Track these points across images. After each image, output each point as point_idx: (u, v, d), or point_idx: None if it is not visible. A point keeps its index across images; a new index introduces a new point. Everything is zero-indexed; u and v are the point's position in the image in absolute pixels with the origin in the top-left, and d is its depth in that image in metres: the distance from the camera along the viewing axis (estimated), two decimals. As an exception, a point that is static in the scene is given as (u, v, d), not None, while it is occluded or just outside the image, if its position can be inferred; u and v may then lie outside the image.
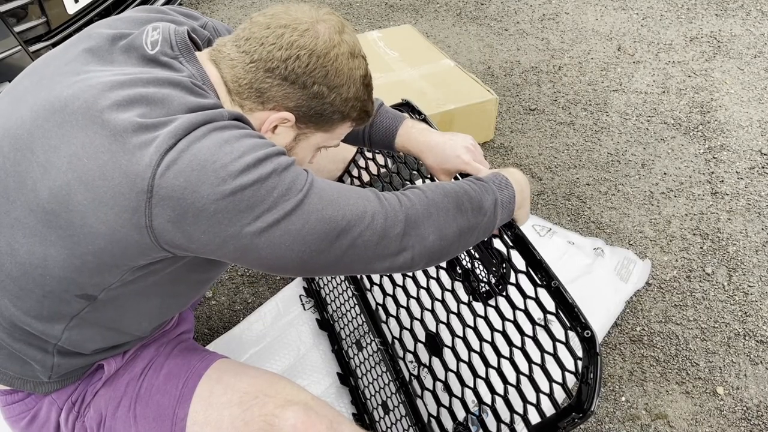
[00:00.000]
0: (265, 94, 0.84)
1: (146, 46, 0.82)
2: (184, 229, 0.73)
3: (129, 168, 0.71)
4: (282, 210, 0.74)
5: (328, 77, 0.84)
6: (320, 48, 0.83)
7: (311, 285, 1.58)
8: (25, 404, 0.97)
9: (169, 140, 0.72)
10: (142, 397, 0.96)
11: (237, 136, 0.75)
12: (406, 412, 1.19)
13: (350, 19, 2.93)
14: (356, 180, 1.49)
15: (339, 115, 0.88)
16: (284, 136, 0.89)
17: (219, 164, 0.72)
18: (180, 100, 0.77)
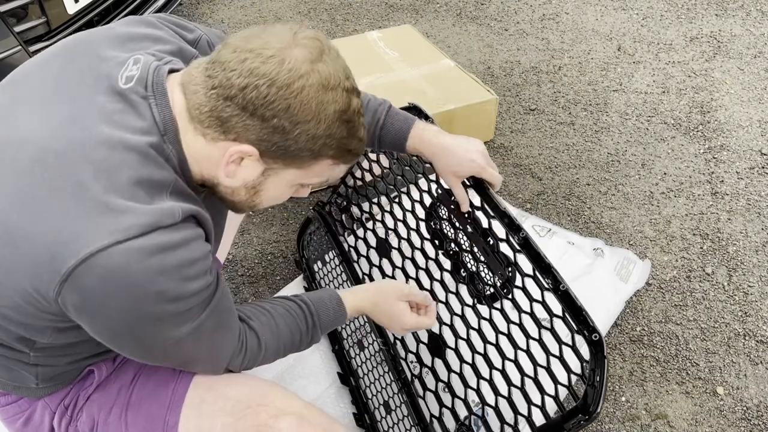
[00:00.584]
0: (226, 124, 0.76)
1: (120, 79, 0.78)
2: (81, 319, 0.74)
3: (54, 245, 0.69)
4: (162, 338, 0.78)
5: (290, 111, 0.75)
6: (282, 78, 0.74)
7: (311, 285, 1.58)
8: (18, 406, 0.97)
9: (104, 239, 0.68)
10: (133, 404, 0.96)
11: (175, 264, 0.72)
12: (408, 412, 1.19)
13: (350, 19, 2.93)
14: (359, 181, 1.49)
15: (308, 152, 0.79)
16: (250, 170, 0.81)
17: (141, 291, 0.71)
18: (128, 174, 0.72)
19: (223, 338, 0.88)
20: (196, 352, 0.85)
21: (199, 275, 0.76)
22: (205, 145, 0.79)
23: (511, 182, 2.01)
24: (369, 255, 1.42)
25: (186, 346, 0.82)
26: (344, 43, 2.42)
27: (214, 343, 0.86)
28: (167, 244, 0.72)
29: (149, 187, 0.73)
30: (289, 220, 1.87)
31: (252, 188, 0.85)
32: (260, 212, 1.90)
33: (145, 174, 0.74)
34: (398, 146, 1.16)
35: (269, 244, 1.79)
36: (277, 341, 0.97)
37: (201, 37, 0.95)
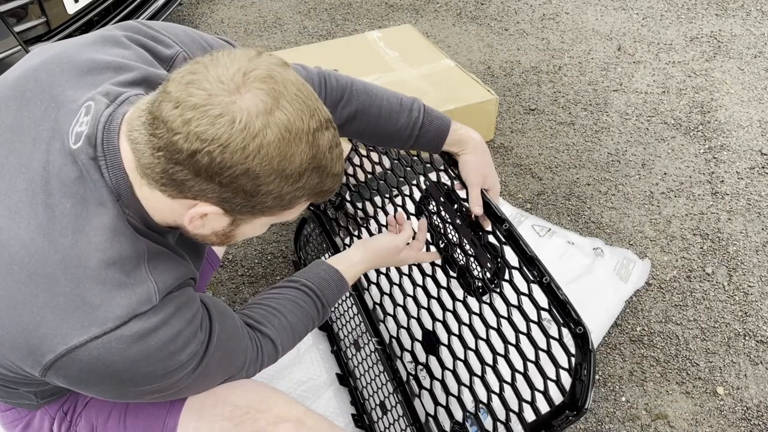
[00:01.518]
0: (182, 186, 0.67)
1: (70, 137, 0.71)
2: (71, 389, 0.76)
3: (31, 339, 0.68)
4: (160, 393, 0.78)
5: (250, 174, 0.65)
6: (236, 141, 0.63)
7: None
8: (18, 412, 0.97)
9: (80, 336, 0.67)
10: (132, 408, 0.96)
11: (160, 345, 0.71)
12: (403, 412, 1.19)
13: (350, 19, 2.93)
14: (351, 178, 1.49)
15: (278, 207, 0.72)
16: (217, 223, 0.74)
17: (127, 376, 0.71)
18: (97, 258, 0.69)
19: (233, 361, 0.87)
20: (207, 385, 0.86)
21: (187, 343, 0.74)
22: (165, 199, 0.71)
23: (511, 182, 2.01)
24: None
25: (194, 388, 0.83)
26: (344, 43, 2.42)
27: (224, 370, 0.86)
28: (147, 329, 0.69)
29: (122, 265, 0.69)
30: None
31: (223, 235, 0.79)
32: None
33: (115, 254, 0.69)
34: (435, 145, 1.15)
35: (269, 244, 1.79)
36: (291, 337, 0.97)
37: (178, 54, 0.86)
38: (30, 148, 0.73)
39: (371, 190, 1.42)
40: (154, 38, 0.86)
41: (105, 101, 0.73)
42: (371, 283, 1.37)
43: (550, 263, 1.59)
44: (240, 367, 0.88)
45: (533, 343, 1.00)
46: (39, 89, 0.76)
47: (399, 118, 1.12)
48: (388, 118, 1.12)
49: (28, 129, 0.74)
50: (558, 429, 0.90)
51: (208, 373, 0.81)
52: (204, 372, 0.79)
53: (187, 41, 0.89)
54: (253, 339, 0.90)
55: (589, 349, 0.88)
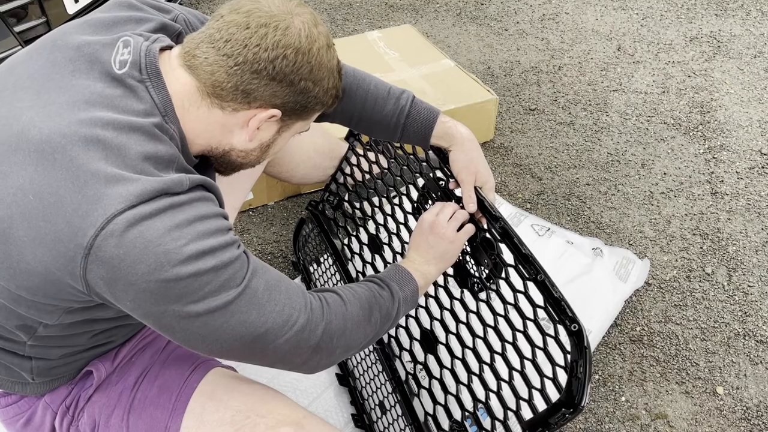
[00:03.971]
0: (252, 95, 0.82)
1: (114, 64, 0.79)
2: (114, 292, 0.73)
3: (73, 219, 0.70)
4: (208, 305, 0.74)
5: (313, 72, 0.84)
6: (304, 45, 0.82)
7: (309, 286, 1.58)
8: (18, 407, 0.97)
9: (119, 204, 0.70)
10: (136, 408, 0.96)
11: (189, 219, 0.73)
12: (402, 411, 1.19)
13: (350, 19, 2.93)
14: (349, 178, 1.49)
15: (320, 105, 0.90)
16: (268, 131, 0.89)
17: (161, 249, 0.70)
18: (137, 149, 0.74)
19: (289, 295, 0.83)
20: (260, 314, 0.79)
21: (215, 232, 0.75)
22: (223, 117, 0.84)
23: (511, 182, 2.01)
24: (362, 252, 1.42)
25: (241, 314, 0.77)
26: (344, 43, 2.42)
27: (278, 301, 0.81)
28: (175, 203, 0.73)
29: (157, 162, 0.76)
30: (289, 220, 1.87)
31: (266, 146, 0.92)
32: (260, 212, 1.90)
33: (153, 150, 0.76)
34: (423, 136, 1.16)
35: (269, 244, 1.79)
36: (357, 298, 0.94)
37: (178, 16, 0.96)
38: (68, 77, 0.79)
39: (368, 189, 1.43)
40: (155, 6, 0.96)
41: (140, 38, 0.84)
42: None
43: (549, 263, 1.61)
44: (301, 306, 0.83)
45: (530, 340, 1.00)
46: (68, 38, 0.83)
47: (385, 105, 1.15)
48: (374, 104, 1.15)
49: (63, 65, 0.80)
50: (555, 427, 0.90)
51: (256, 298, 0.78)
52: (251, 294, 0.78)
53: (183, 10, 1.00)
54: (313, 293, 0.89)
55: (584, 346, 0.87)
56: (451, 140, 1.15)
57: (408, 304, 1.03)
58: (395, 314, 1.00)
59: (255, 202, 1.90)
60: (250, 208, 1.91)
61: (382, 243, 1.37)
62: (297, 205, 1.92)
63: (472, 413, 1.09)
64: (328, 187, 1.56)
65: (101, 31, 0.85)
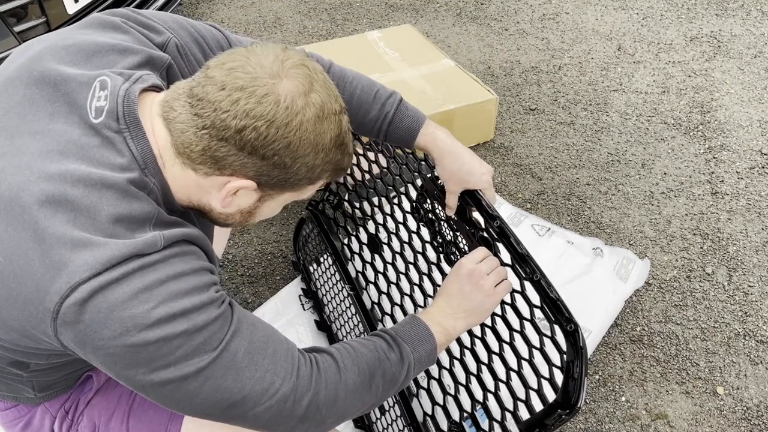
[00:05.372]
0: (221, 162, 0.74)
1: (90, 111, 0.74)
2: (85, 354, 0.70)
3: (41, 283, 0.67)
4: (179, 371, 0.70)
5: (291, 148, 0.74)
6: (281, 117, 0.72)
7: (309, 286, 1.58)
8: (17, 411, 0.97)
9: (84, 272, 0.66)
10: (136, 411, 0.96)
11: (161, 279, 0.69)
12: (401, 412, 1.19)
13: (350, 19, 2.93)
14: (349, 177, 1.49)
15: (307, 180, 0.79)
16: (246, 199, 0.80)
17: (127, 314, 0.66)
18: (108, 211, 0.70)
19: (274, 360, 0.76)
20: (234, 384, 0.73)
21: (191, 291, 0.71)
22: (197, 178, 0.77)
23: (511, 182, 2.01)
24: (362, 252, 1.41)
25: (215, 380, 0.72)
26: (344, 43, 2.42)
27: (260, 366, 0.75)
28: (147, 263, 0.69)
29: (130, 222, 0.71)
30: (289, 219, 1.87)
31: (247, 213, 0.84)
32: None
33: (125, 210, 0.71)
34: (406, 143, 1.15)
35: (269, 244, 1.79)
36: (356, 363, 0.85)
37: (170, 40, 0.89)
38: (46, 120, 0.74)
39: (368, 189, 1.42)
40: (145, 25, 0.88)
41: (120, 78, 0.77)
42: (369, 282, 1.37)
43: (549, 263, 1.61)
44: (286, 372, 0.77)
45: (527, 341, 1.00)
46: (46, 69, 0.77)
47: (370, 111, 1.13)
48: (358, 108, 1.12)
49: (41, 105, 0.75)
50: (552, 428, 0.90)
51: (234, 362, 0.73)
52: (229, 359, 0.72)
53: (176, 27, 0.91)
54: (306, 354, 0.82)
55: (580, 346, 0.87)
56: (433, 153, 1.13)
57: (421, 365, 0.92)
58: (403, 378, 0.89)
59: (255, 202, 1.89)
60: (250, 208, 1.90)
61: (382, 243, 1.36)
62: (297, 205, 1.92)
63: (471, 414, 1.08)
64: (328, 186, 1.56)
65: (80, 61, 0.79)
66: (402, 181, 1.31)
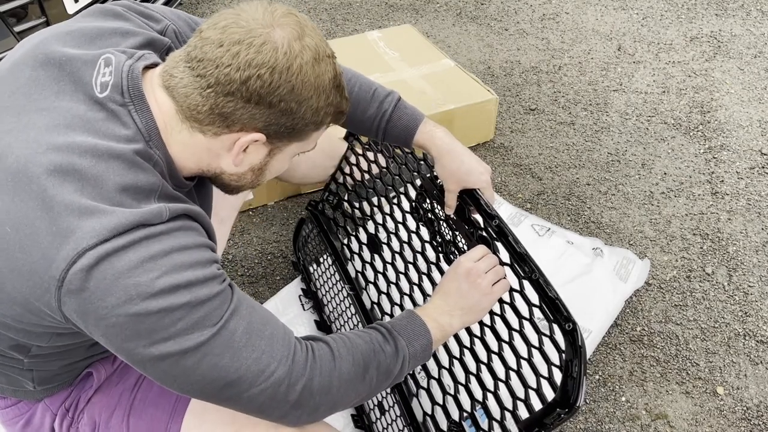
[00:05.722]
0: (230, 118, 0.76)
1: (95, 87, 0.76)
2: (87, 326, 0.71)
3: (47, 251, 0.68)
4: (178, 345, 0.70)
5: (295, 92, 0.76)
6: (281, 62, 0.74)
7: (309, 286, 1.58)
8: (18, 408, 0.97)
9: (91, 239, 0.67)
10: (136, 409, 0.96)
11: (166, 250, 0.70)
12: (400, 412, 1.19)
13: (350, 19, 2.93)
14: (349, 177, 1.49)
15: (313, 125, 0.82)
16: (257, 154, 0.83)
17: (131, 282, 0.67)
18: (115, 180, 0.71)
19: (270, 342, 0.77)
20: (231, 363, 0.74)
21: (194, 264, 0.72)
22: (206, 141, 0.79)
23: (511, 182, 2.01)
24: (362, 252, 1.41)
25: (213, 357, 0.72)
26: (344, 43, 2.42)
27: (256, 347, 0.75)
28: (152, 233, 0.70)
29: (135, 193, 0.72)
30: (289, 220, 1.87)
31: (258, 169, 0.86)
32: (260, 212, 1.90)
33: (131, 180, 0.72)
34: (404, 141, 1.15)
35: (269, 244, 1.79)
36: (351, 353, 0.85)
37: (168, 27, 0.92)
38: (52, 98, 0.76)
39: (368, 189, 1.42)
40: (144, 14, 0.91)
41: (123, 55, 0.79)
42: (369, 282, 1.37)
43: (549, 263, 1.61)
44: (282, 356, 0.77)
45: (526, 340, 0.99)
46: (51, 52, 0.79)
47: (368, 109, 1.13)
48: (356, 106, 1.13)
49: (47, 84, 0.77)
50: (551, 427, 0.90)
51: (232, 340, 0.73)
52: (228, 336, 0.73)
53: (174, 18, 0.95)
54: (302, 341, 0.83)
55: (578, 345, 0.86)
56: (431, 151, 1.13)
57: (416, 360, 0.93)
58: (398, 371, 0.90)
59: (255, 202, 1.90)
60: (250, 208, 1.90)
61: (381, 243, 1.36)
62: (297, 205, 1.92)
63: (470, 414, 1.08)
64: (328, 186, 1.56)
65: (84, 44, 0.81)
66: (401, 180, 1.31)
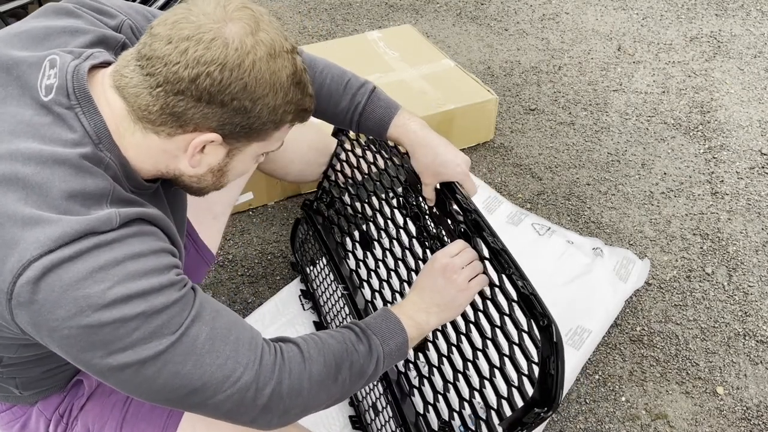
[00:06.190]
0: (182, 118, 0.73)
1: (40, 89, 0.73)
2: (42, 337, 0.68)
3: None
4: (137, 355, 0.67)
5: (248, 89, 0.72)
6: (232, 59, 0.71)
7: (308, 286, 1.58)
8: (13, 413, 0.97)
9: (35, 249, 0.64)
10: (128, 422, 0.96)
11: (118, 259, 0.67)
12: (393, 413, 1.18)
13: (350, 19, 2.93)
14: (340, 174, 1.48)
15: (271, 124, 0.77)
16: (214, 155, 0.79)
17: (81, 293, 0.64)
18: (60, 187, 0.68)
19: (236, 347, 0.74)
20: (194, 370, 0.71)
21: (149, 272, 0.69)
22: (161, 142, 0.76)
23: (511, 182, 2.01)
24: (355, 251, 1.41)
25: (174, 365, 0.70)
26: (344, 43, 2.42)
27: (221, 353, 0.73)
28: (102, 242, 0.67)
29: (84, 199, 0.69)
30: (289, 220, 1.87)
31: (218, 171, 0.82)
32: (260, 212, 1.90)
33: (78, 186, 0.69)
34: (378, 133, 1.12)
35: (269, 244, 1.79)
36: (322, 353, 0.82)
37: (123, 22, 0.88)
38: (0, 105, 0.73)
39: (358, 185, 1.42)
40: (98, 10, 0.88)
41: (69, 56, 0.76)
42: (363, 281, 1.37)
43: (549, 262, 1.60)
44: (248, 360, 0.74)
45: (507, 337, 0.97)
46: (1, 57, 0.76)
47: (340, 101, 1.11)
48: (329, 98, 1.11)
49: None
50: (532, 426, 0.88)
51: (194, 347, 0.71)
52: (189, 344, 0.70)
53: (131, 12, 0.91)
54: (270, 343, 0.80)
55: (554, 341, 0.84)
56: (405, 145, 1.10)
57: (391, 359, 0.90)
58: (372, 371, 0.87)
59: (255, 202, 1.90)
60: (250, 208, 1.90)
61: (372, 239, 1.36)
62: (297, 205, 1.92)
63: (459, 413, 1.08)
64: (321, 184, 1.56)
65: (31, 45, 0.78)
66: (388, 175, 1.30)
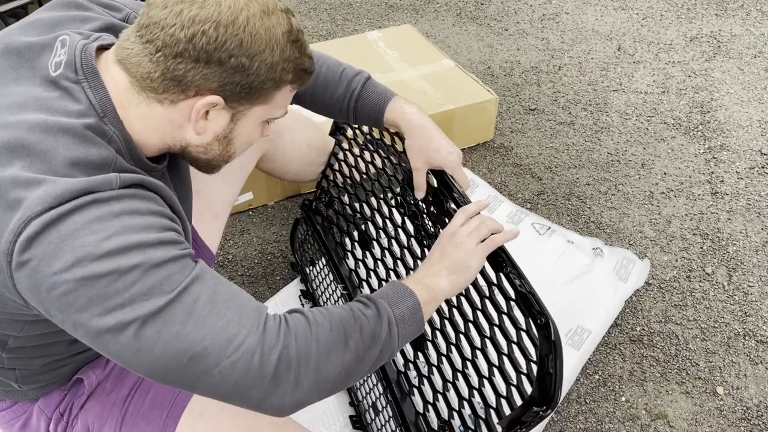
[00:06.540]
0: (183, 81, 0.74)
1: (50, 66, 0.75)
2: (41, 302, 0.67)
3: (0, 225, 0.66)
4: (134, 312, 0.66)
5: (244, 45, 0.73)
6: (225, 16, 0.72)
7: (308, 286, 1.58)
8: (13, 411, 0.97)
9: (36, 206, 0.65)
10: (128, 421, 0.96)
11: (114, 213, 0.67)
12: (393, 412, 1.18)
13: (350, 19, 2.93)
14: (338, 174, 1.48)
15: (271, 82, 0.78)
16: (219, 120, 0.80)
17: (78, 243, 0.64)
18: (64, 155, 0.69)
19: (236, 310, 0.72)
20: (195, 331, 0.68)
21: (146, 227, 0.69)
22: (165, 112, 0.77)
23: (511, 182, 2.01)
24: (354, 250, 1.41)
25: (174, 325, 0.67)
26: (344, 43, 2.42)
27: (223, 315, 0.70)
28: (101, 198, 0.68)
29: (86, 167, 0.70)
30: (289, 220, 1.87)
31: (224, 138, 0.83)
32: (260, 212, 1.90)
33: (82, 154, 0.70)
34: (375, 121, 1.13)
35: (269, 244, 1.79)
36: (328, 318, 0.79)
37: (129, 15, 0.91)
38: (11, 85, 0.76)
39: (356, 185, 1.42)
40: (106, 5, 0.91)
41: (79, 36, 0.79)
42: (362, 280, 1.37)
43: (549, 262, 1.60)
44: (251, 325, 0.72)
45: (506, 335, 0.97)
46: (11, 42, 0.79)
47: (336, 89, 1.13)
48: (325, 87, 1.12)
49: (6, 73, 0.77)
50: (531, 425, 0.88)
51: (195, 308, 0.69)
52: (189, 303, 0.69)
53: (135, 6, 0.94)
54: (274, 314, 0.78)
55: (553, 340, 0.84)
56: (402, 127, 1.11)
57: (407, 324, 0.86)
58: (384, 335, 0.83)
59: (255, 202, 1.90)
60: (250, 208, 1.90)
61: (371, 238, 1.36)
62: (297, 205, 1.92)
63: (458, 412, 1.08)
64: (320, 184, 1.56)
65: (43, 32, 0.81)
66: (385, 173, 1.30)
